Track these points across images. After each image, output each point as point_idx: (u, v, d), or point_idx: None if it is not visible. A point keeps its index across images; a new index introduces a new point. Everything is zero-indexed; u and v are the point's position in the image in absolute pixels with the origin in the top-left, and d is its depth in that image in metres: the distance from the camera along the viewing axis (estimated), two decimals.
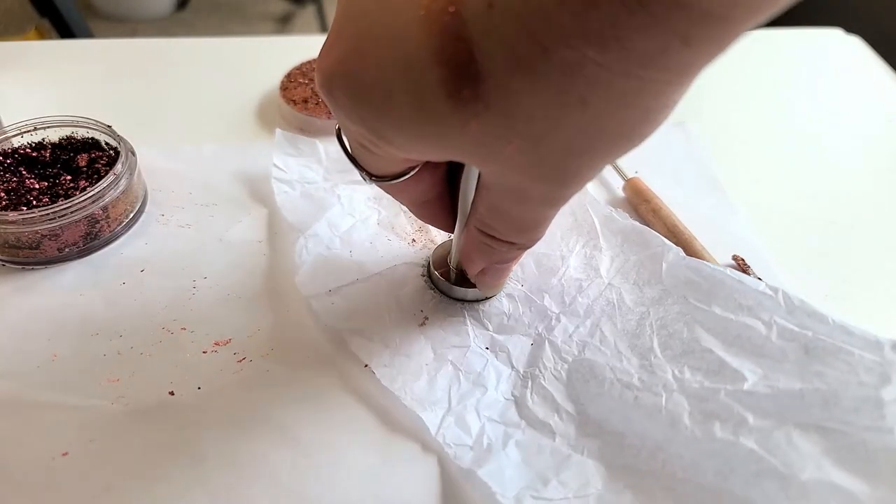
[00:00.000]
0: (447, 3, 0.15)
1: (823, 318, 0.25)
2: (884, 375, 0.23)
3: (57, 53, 0.52)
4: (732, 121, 0.48)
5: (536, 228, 0.23)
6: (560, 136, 0.17)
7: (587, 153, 0.18)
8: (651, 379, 0.26)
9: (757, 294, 0.27)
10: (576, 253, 0.33)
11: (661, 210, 0.38)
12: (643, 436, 0.25)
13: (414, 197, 0.26)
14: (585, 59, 0.14)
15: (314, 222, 0.35)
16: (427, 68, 0.16)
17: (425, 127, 0.17)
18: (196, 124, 0.45)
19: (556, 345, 0.29)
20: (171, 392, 0.28)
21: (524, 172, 0.19)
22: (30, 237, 0.32)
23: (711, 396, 0.25)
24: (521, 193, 0.20)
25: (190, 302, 0.32)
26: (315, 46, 0.57)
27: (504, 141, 0.17)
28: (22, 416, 0.27)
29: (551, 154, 0.17)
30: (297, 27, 1.87)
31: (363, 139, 0.20)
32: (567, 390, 0.28)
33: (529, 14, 0.14)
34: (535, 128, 0.16)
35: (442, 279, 0.32)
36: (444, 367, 0.29)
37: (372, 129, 0.19)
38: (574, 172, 0.19)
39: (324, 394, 0.29)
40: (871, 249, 0.38)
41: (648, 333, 0.28)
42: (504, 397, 0.28)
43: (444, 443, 0.26)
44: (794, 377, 0.24)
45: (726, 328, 0.27)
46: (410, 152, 0.20)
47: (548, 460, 0.26)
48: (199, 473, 0.26)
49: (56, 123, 0.37)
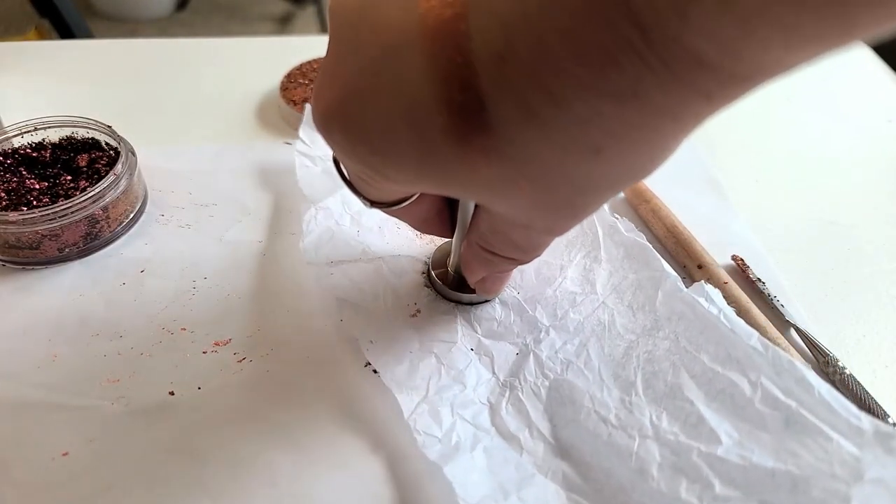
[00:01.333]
0: (454, 52, 0.15)
1: (810, 387, 0.24)
2: (856, 472, 0.23)
3: (57, 53, 0.52)
4: (732, 121, 0.48)
5: (537, 250, 0.23)
6: (570, 179, 0.17)
7: (594, 192, 0.18)
8: (628, 418, 0.26)
9: (747, 348, 0.26)
10: (575, 263, 0.33)
11: (661, 210, 0.38)
12: (609, 473, 0.25)
13: (414, 217, 0.26)
14: (602, 112, 0.14)
15: (328, 196, 0.35)
16: (433, 114, 0.16)
17: (429, 170, 0.17)
18: (196, 124, 0.45)
19: (540, 359, 0.29)
20: (171, 392, 0.28)
21: (530, 209, 0.19)
22: (30, 237, 0.32)
23: (684, 452, 0.24)
24: (523, 224, 0.20)
25: (190, 302, 0.32)
26: (315, 46, 0.57)
27: (512, 185, 0.17)
28: (22, 416, 0.27)
29: (559, 195, 0.17)
30: (297, 27, 1.87)
31: (362, 174, 0.20)
32: (544, 408, 0.27)
33: (545, 69, 0.14)
34: (546, 173, 0.16)
35: (439, 281, 0.32)
36: (427, 358, 0.29)
37: (372, 168, 0.18)
38: (580, 209, 0.19)
39: (323, 394, 0.29)
40: (871, 250, 0.38)
41: (634, 366, 0.28)
42: (480, 400, 0.28)
43: (415, 428, 0.26)
44: (768, 452, 0.24)
45: (712, 380, 0.26)
46: (412, 189, 0.19)
47: (512, 473, 0.25)
48: (199, 473, 0.26)
49: (56, 124, 0.37)
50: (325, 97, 0.18)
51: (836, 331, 0.33)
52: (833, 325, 0.33)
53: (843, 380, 0.30)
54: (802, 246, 0.38)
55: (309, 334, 0.31)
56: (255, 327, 0.31)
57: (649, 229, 0.38)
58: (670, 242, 0.36)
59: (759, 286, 0.34)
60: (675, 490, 0.24)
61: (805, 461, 0.23)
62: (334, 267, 0.32)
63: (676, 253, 0.36)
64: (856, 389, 0.29)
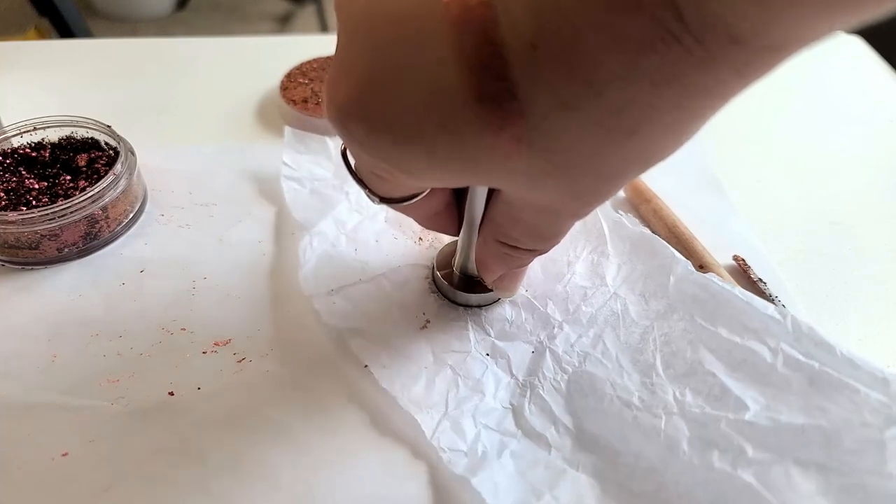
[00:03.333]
0: (482, 41, 0.14)
1: (831, 348, 0.24)
2: (889, 417, 0.22)
3: (57, 53, 0.52)
4: (733, 121, 0.48)
5: (559, 236, 0.23)
6: (603, 163, 0.16)
7: (624, 175, 0.18)
8: (651, 399, 0.26)
9: (765, 318, 0.26)
10: (582, 259, 0.33)
11: (662, 210, 0.38)
12: (638, 456, 0.25)
13: (422, 212, 0.26)
14: (637, 98, 0.14)
15: (321, 220, 0.35)
16: (461, 104, 0.15)
17: (456, 160, 0.17)
18: (196, 124, 0.45)
19: (557, 354, 0.29)
20: (170, 392, 0.28)
21: (557, 195, 0.18)
22: (29, 237, 0.32)
23: (712, 423, 0.24)
24: (550, 211, 0.20)
25: (190, 302, 0.32)
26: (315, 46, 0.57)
27: (545, 174, 0.17)
28: (22, 416, 0.27)
29: (590, 179, 0.17)
30: (297, 27, 1.87)
31: (378, 169, 0.19)
32: (566, 402, 0.27)
33: (579, 58, 0.13)
34: (578, 159, 0.16)
35: (445, 283, 0.31)
36: (442, 370, 0.29)
37: (391, 161, 0.18)
38: (607, 192, 0.19)
39: (323, 394, 0.29)
40: (872, 250, 0.38)
41: (651, 349, 0.28)
42: (502, 405, 0.28)
43: (439, 447, 0.26)
44: (796, 410, 0.24)
45: (731, 351, 0.26)
46: (430, 182, 0.19)
47: (542, 474, 0.25)
48: (199, 474, 0.26)
49: (56, 123, 0.37)
50: (341, 92, 0.17)
51: (837, 331, 0.33)
52: (834, 326, 0.33)
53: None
54: (804, 246, 0.38)
55: (309, 334, 0.31)
56: (255, 327, 0.31)
57: (650, 229, 0.38)
58: (671, 242, 0.36)
59: (760, 286, 0.34)
60: (708, 461, 0.24)
61: (834, 414, 0.23)
62: (336, 294, 0.32)
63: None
64: None
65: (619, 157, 0.16)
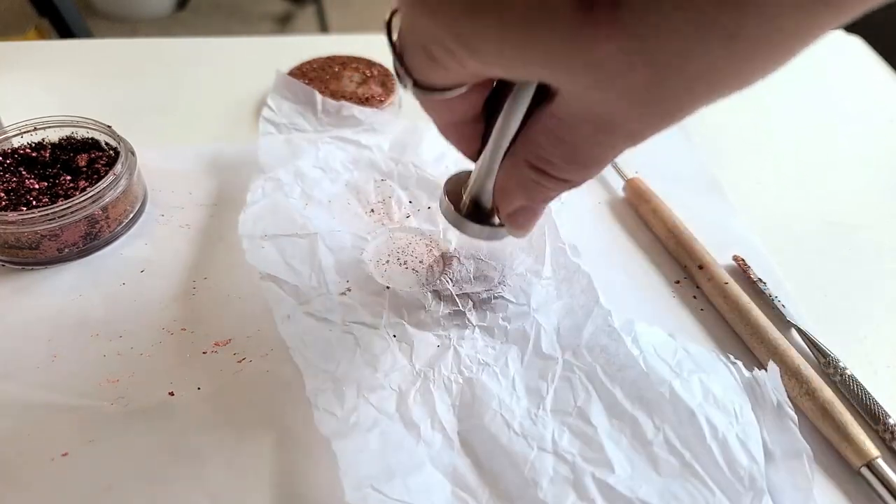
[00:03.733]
0: None
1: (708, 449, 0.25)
2: None
3: (57, 53, 0.52)
4: (732, 121, 0.48)
5: (601, 164, 0.21)
6: (692, 69, 0.15)
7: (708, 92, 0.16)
8: (531, 429, 0.27)
9: (657, 394, 0.27)
10: (517, 274, 0.33)
11: (661, 210, 0.38)
12: (498, 477, 0.25)
13: (449, 115, 0.23)
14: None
15: (281, 167, 0.35)
16: None
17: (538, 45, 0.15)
18: (196, 124, 0.45)
19: (460, 355, 0.29)
20: (170, 392, 0.28)
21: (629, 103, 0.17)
22: (29, 237, 0.32)
23: (577, 473, 0.25)
24: (608, 126, 0.18)
25: (190, 302, 0.32)
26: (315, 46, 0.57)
27: (629, 69, 0.15)
28: (22, 416, 0.27)
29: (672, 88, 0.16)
30: (297, 27, 1.87)
31: (434, 44, 0.18)
32: (451, 403, 0.28)
33: None
34: (669, 59, 0.15)
35: (452, 205, 0.27)
36: (345, 338, 0.29)
37: (459, 36, 0.16)
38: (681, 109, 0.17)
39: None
40: (873, 250, 0.38)
41: (548, 383, 0.28)
42: (389, 386, 0.28)
43: (314, 404, 0.26)
44: (654, 493, 0.25)
45: (619, 415, 0.27)
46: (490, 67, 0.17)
47: (402, 459, 0.25)
48: (199, 473, 0.26)
49: (56, 123, 0.37)
50: None
51: (837, 331, 0.33)
52: (834, 326, 0.33)
53: (843, 380, 0.30)
54: (804, 246, 0.38)
55: None
56: (255, 327, 0.31)
57: (650, 229, 0.38)
58: (671, 242, 0.36)
59: (760, 286, 0.34)
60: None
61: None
62: (268, 240, 0.32)
63: (677, 253, 0.36)
64: (856, 390, 0.29)
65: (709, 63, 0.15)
